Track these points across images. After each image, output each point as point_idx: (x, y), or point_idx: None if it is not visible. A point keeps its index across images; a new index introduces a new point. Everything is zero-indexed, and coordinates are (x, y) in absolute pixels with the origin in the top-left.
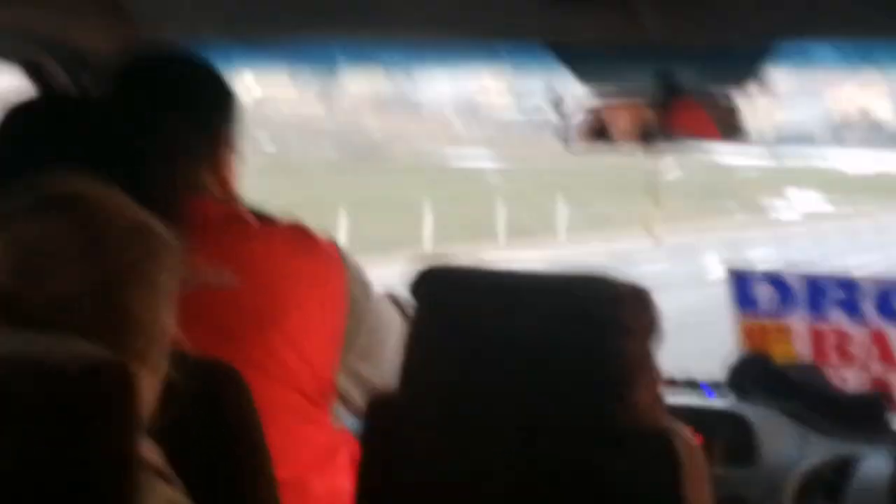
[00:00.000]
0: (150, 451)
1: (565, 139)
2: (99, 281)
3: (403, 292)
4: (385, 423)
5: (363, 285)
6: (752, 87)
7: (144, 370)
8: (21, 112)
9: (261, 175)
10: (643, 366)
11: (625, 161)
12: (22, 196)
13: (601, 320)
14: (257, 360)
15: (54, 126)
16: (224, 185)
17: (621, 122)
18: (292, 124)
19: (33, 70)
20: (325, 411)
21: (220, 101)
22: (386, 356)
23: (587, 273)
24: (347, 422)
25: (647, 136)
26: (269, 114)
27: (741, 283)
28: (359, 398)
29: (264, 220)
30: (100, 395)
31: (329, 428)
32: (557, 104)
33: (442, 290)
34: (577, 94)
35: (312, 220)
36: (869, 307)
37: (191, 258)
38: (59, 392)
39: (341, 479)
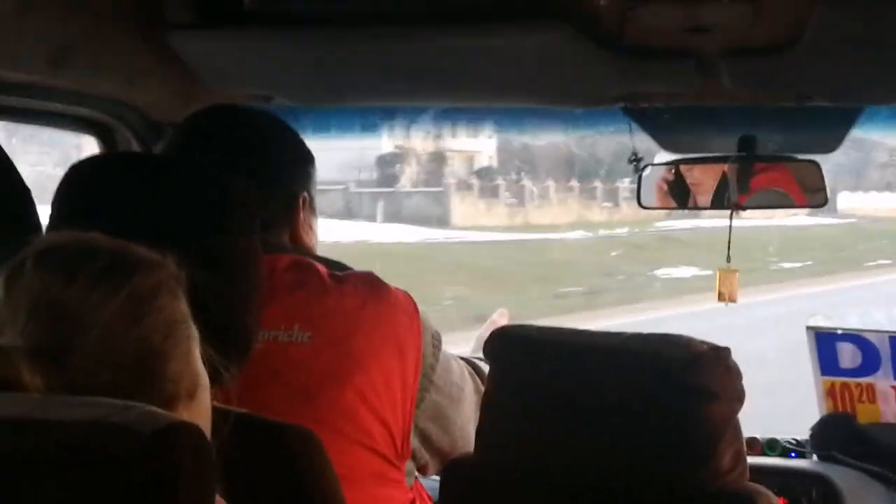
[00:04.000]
0: None
1: (640, 198)
2: (112, 332)
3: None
4: (462, 485)
5: (433, 342)
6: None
7: (185, 411)
8: (94, 168)
9: None
10: (726, 428)
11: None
12: (25, 252)
13: (681, 384)
14: (331, 420)
15: (126, 184)
16: (302, 245)
17: (700, 181)
18: None
19: (104, 135)
20: (400, 470)
21: (299, 163)
22: (455, 419)
23: (665, 335)
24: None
25: (727, 196)
26: None
27: (824, 343)
28: (427, 458)
29: (336, 271)
30: (175, 457)
31: (404, 486)
32: (637, 165)
33: (516, 351)
34: (654, 153)
35: None
36: None
37: (263, 313)
38: (135, 454)
39: None
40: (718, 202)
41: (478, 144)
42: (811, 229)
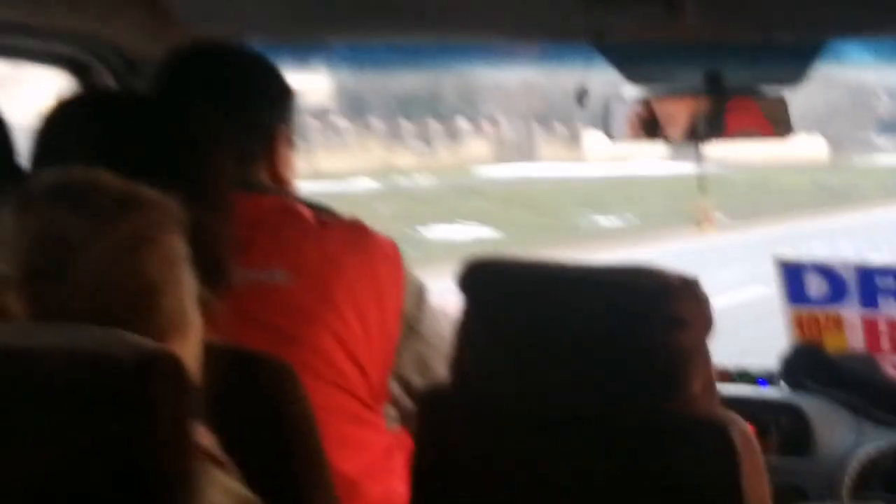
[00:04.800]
0: (204, 437)
1: (610, 131)
2: (111, 260)
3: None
4: (437, 416)
5: (417, 292)
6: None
7: (176, 346)
8: (71, 107)
9: None
10: (696, 357)
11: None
12: (25, 188)
13: (652, 313)
14: (308, 361)
15: (103, 122)
16: (281, 181)
17: (672, 115)
18: None
19: (80, 71)
20: (378, 414)
21: (276, 98)
22: (442, 372)
23: (636, 266)
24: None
25: (698, 130)
26: None
27: (792, 275)
28: (409, 406)
29: (322, 216)
30: (155, 386)
31: (382, 430)
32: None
33: (489, 283)
34: (626, 88)
35: None
36: None
37: (245, 254)
38: (116, 383)
39: (396, 483)
40: (689, 136)
41: (308, 81)
42: (645, 181)
